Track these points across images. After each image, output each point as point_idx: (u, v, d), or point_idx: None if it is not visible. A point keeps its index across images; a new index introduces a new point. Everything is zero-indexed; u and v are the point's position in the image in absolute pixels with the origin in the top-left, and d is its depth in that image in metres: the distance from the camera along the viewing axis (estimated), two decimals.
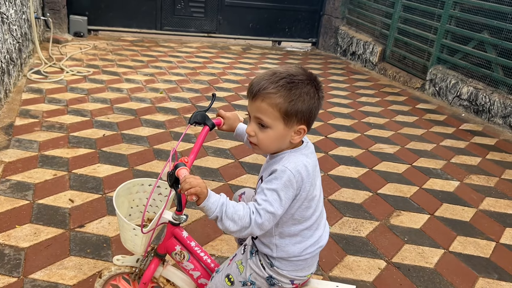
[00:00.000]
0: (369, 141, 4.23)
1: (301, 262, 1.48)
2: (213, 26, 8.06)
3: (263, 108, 1.33)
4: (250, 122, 1.40)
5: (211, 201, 1.29)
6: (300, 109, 1.32)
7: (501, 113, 4.91)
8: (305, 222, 1.44)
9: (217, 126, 1.67)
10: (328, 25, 8.18)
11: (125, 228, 1.60)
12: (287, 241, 1.45)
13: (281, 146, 1.40)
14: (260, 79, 1.35)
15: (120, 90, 4.91)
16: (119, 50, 6.71)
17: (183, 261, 1.68)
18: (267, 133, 1.36)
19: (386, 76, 6.75)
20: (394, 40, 6.70)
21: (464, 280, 2.44)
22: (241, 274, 1.52)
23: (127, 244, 1.65)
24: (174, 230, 1.66)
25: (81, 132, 3.76)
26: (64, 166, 3.17)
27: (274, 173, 1.34)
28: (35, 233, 2.44)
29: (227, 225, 1.29)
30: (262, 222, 1.30)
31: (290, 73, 1.33)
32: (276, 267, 1.47)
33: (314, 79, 1.36)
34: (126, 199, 1.73)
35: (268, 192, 1.32)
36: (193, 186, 1.27)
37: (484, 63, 5.21)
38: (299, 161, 1.36)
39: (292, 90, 1.31)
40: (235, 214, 1.29)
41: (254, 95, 1.34)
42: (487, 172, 3.81)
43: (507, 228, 2.99)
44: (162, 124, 4.13)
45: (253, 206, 1.32)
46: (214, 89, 5.35)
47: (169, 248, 1.68)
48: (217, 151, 3.68)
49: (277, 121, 1.33)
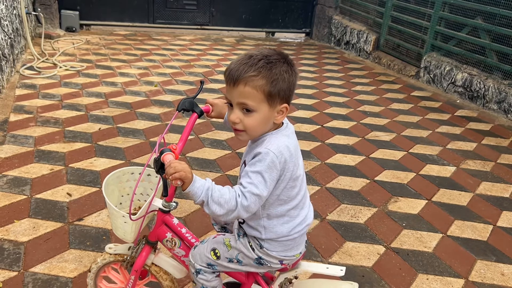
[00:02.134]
0: (365, 129, 4.24)
1: (290, 241, 1.48)
2: (206, 18, 8.01)
3: (247, 92, 1.32)
4: (234, 109, 1.37)
5: (197, 186, 1.28)
6: (281, 87, 1.33)
7: (495, 98, 4.93)
8: (291, 201, 1.45)
9: (206, 113, 1.66)
10: (322, 15, 8.15)
11: (114, 216, 1.60)
12: (274, 222, 1.45)
13: (266, 128, 1.39)
14: (238, 64, 1.34)
15: (115, 84, 4.89)
16: (112, 44, 6.66)
17: (174, 248, 1.69)
18: (253, 117, 1.35)
19: (380, 65, 6.75)
20: (388, 29, 6.70)
21: (463, 263, 2.46)
22: (228, 251, 1.53)
23: (117, 232, 1.66)
24: (164, 217, 1.66)
25: (76, 126, 3.74)
26: (61, 161, 3.16)
27: (257, 155, 1.34)
28: (34, 227, 2.43)
29: (214, 209, 1.29)
30: (248, 205, 1.31)
31: (265, 54, 1.34)
32: (265, 249, 1.48)
33: (286, 57, 1.37)
34: (117, 188, 1.73)
35: (252, 174, 1.32)
36: (177, 170, 1.26)
37: (478, 49, 5.22)
38: (281, 142, 1.37)
39: (272, 70, 1.32)
40: (221, 198, 1.29)
41: (235, 80, 1.33)
42: (483, 157, 3.83)
43: (504, 212, 3.01)
44: (157, 116, 4.12)
45: (238, 189, 1.32)
46: (209, 81, 5.33)
47: (160, 235, 1.68)
48: (214, 143, 3.68)
49: (262, 103, 1.33)
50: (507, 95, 4.78)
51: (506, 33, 4.81)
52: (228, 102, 1.39)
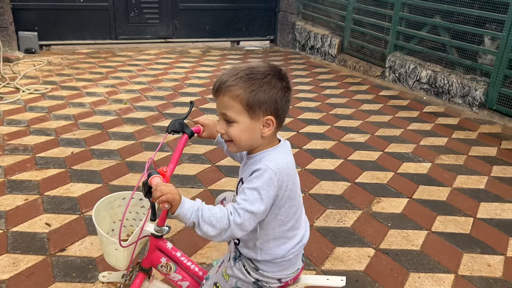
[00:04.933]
0: (339, 132, 4.29)
1: (286, 262, 1.47)
2: (170, 31, 7.95)
3: (226, 102, 1.33)
4: (219, 120, 1.40)
5: (186, 208, 1.26)
6: (262, 99, 1.32)
7: (460, 93, 5.10)
8: (289, 222, 1.43)
9: (197, 133, 1.64)
10: (285, 22, 8.24)
11: (105, 243, 1.55)
12: (271, 244, 1.43)
13: (253, 140, 1.38)
14: (221, 75, 1.36)
15: (83, 105, 4.76)
16: (75, 63, 6.50)
17: (170, 272, 1.65)
18: (234, 128, 1.35)
19: (346, 67, 6.87)
20: (351, 31, 6.83)
21: (450, 257, 2.51)
22: (227, 282, 1.51)
23: (109, 259, 1.61)
24: (157, 242, 1.62)
25: (47, 152, 3.61)
26: (35, 189, 3.04)
27: (255, 172, 1.33)
28: (14, 263, 2.32)
29: (205, 229, 1.26)
30: (242, 222, 1.28)
31: (250, 66, 1.35)
32: (261, 270, 1.46)
33: (277, 71, 1.37)
34: (108, 214, 1.68)
35: (248, 191, 1.30)
36: (164, 193, 1.23)
37: (439, 46, 5.39)
38: (280, 159, 1.36)
39: (251, 81, 1.32)
40: (212, 217, 1.26)
41: (216, 91, 1.36)
42: (455, 151, 3.95)
43: (481, 203, 3.10)
44: (131, 135, 4.03)
45: (231, 207, 1.30)
46: (179, 94, 5.27)
47: (154, 261, 1.64)
48: (192, 157, 3.63)
49: (241, 115, 1.33)
50: (470, 89, 4.96)
51: (464, 29, 5.00)
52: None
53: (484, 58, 4.96)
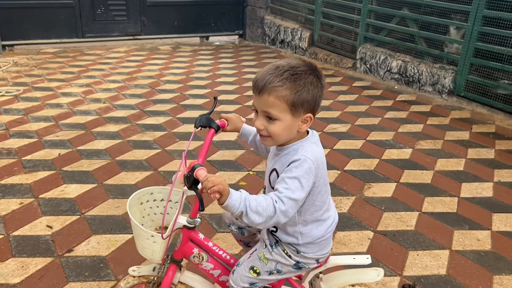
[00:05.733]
0: (321, 123, 4.43)
1: (324, 241, 1.57)
2: (138, 28, 7.84)
3: (271, 101, 1.39)
4: (258, 116, 1.45)
5: (234, 198, 1.32)
6: (305, 98, 1.39)
7: (429, 81, 5.35)
8: (323, 206, 1.53)
9: (222, 127, 1.70)
10: (253, 16, 8.30)
11: (142, 236, 1.59)
12: (310, 227, 1.53)
13: (290, 135, 1.46)
14: (264, 74, 1.41)
15: (60, 106, 4.65)
16: (43, 63, 6.31)
17: (202, 262, 1.70)
18: (276, 125, 1.41)
19: (317, 60, 7.03)
20: (321, 25, 6.99)
21: (443, 235, 2.68)
22: (266, 265, 1.58)
23: (144, 253, 1.64)
24: (190, 233, 1.67)
25: (33, 154, 3.53)
26: (28, 193, 2.98)
27: (294, 162, 1.41)
28: (23, 267, 2.29)
29: (253, 218, 1.33)
30: (286, 209, 1.36)
31: (292, 65, 1.41)
32: (302, 253, 1.55)
33: (315, 69, 1.44)
34: (138, 209, 1.72)
35: (289, 180, 1.38)
36: (215, 184, 1.29)
37: (408, 37, 5.63)
38: (314, 150, 1.45)
39: (296, 81, 1.38)
40: (259, 206, 1.33)
41: (260, 90, 1.40)
42: (432, 137, 4.17)
43: (462, 183, 3.31)
44: (116, 134, 4.00)
45: (274, 195, 1.37)
46: (157, 92, 5.24)
47: (186, 252, 1.69)
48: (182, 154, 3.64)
49: (284, 113, 1.40)
50: (440, 78, 5.22)
51: (431, 21, 5.24)
52: (254, 108, 1.46)
53: (450, 47, 5.23)
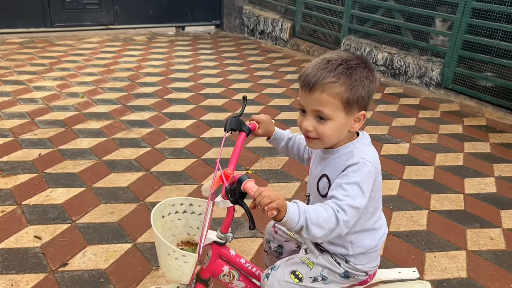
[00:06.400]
0: None
1: (374, 253, 1.45)
2: (110, 17, 7.46)
3: (324, 99, 1.26)
4: (307, 116, 1.31)
5: (291, 211, 1.16)
6: (361, 94, 1.28)
7: (416, 73, 5.31)
8: (376, 213, 1.41)
9: (253, 131, 1.53)
10: (231, 6, 8.06)
11: (171, 257, 1.40)
12: (362, 235, 1.40)
13: (340, 136, 1.33)
14: (315, 69, 1.27)
15: (34, 101, 4.32)
16: (10, 55, 5.88)
17: (233, 281, 1.54)
18: (328, 125, 1.28)
19: (300, 51, 6.89)
20: (303, 16, 6.84)
21: (456, 234, 2.61)
22: (312, 270, 1.43)
23: (171, 274, 1.46)
24: (220, 250, 1.51)
25: (10, 156, 3.23)
26: (9, 199, 2.70)
27: (352, 166, 1.27)
28: (12, 285, 2.04)
29: (314, 232, 1.18)
30: (348, 219, 1.22)
31: (344, 59, 1.28)
32: (352, 263, 1.42)
33: (366, 61, 1.31)
34: (160, 223, 1.53)
35: (348, 186, 1.25)
36: (272, 200, 1.13)
37: (394, 29, 5.56)
38: (371, 152, 1.34)
39: (352, 76, 1.26)
40: (320, 218, 1.18)
41: (312, 87, 1.26)
42: (426, 130, 4.11)
43: (465, 179, 3.26)
44: (99, 132, 3.73)
45: (334, 204, 1.22)
46: (138, 85, 4.96)
47: (215, 270, 1.52)
48: (174, 152, 3.43)
49: (338, 111, 1.27)
50: (427, 70, 5.18)
51: (418, 12, 5.19)
52: (300, 108, 1.32)
53: (436, 39, 5.20)
